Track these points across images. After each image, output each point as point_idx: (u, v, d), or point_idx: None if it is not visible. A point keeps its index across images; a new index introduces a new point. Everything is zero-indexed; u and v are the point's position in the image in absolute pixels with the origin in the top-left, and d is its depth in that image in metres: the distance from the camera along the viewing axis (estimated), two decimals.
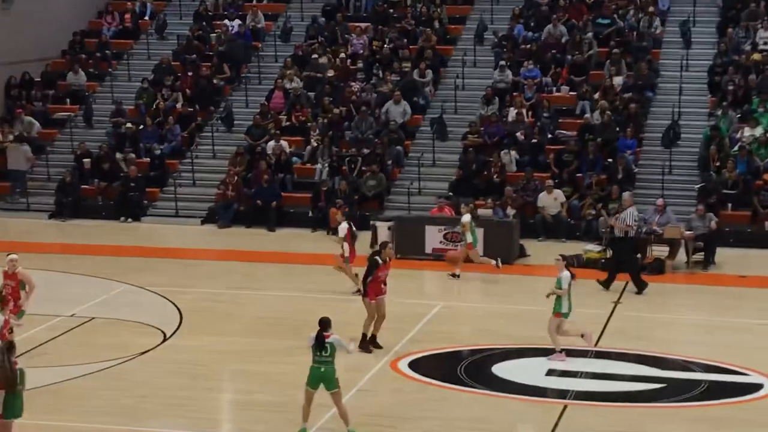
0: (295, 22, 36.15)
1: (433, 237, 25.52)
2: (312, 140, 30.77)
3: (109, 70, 34.94)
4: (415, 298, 22.54)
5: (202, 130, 32.40)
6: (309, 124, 31.46)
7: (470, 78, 33.05)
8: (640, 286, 22.88)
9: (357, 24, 35.20)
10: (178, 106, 32.68)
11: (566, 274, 18.21)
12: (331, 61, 33.70)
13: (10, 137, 31.82)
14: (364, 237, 26.72)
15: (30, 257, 24.78)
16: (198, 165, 31.21)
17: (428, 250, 25.35)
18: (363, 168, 29.60)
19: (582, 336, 18.67)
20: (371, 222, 26.80)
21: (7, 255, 18.29)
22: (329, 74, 33.06)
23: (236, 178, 29.43)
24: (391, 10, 35.88)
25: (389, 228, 25.84)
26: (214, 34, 35.30)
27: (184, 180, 30.93)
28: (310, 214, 28.87)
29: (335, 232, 27.86)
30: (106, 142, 31.62)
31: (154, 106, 32.59)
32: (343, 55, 33.79)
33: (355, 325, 18.89)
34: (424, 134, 31.47)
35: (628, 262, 23.17)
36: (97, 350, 18.64)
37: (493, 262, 23.94)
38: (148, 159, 31.16)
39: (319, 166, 30.05)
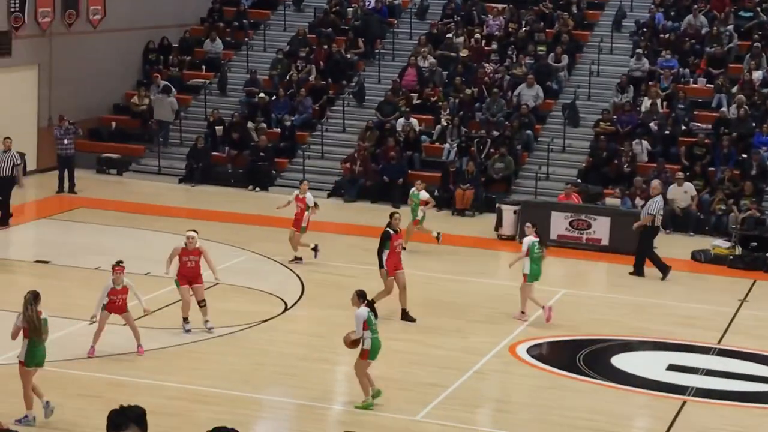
0: (431, 0, 36.05)
1: (559, 223, 25.26)
2: (442, 119, 30.70)
3: (246, 39, 35.28)
4: (537, 284, 22.34)
5: (333, 103, 32.54)
6: (440, 103, 31.38)
7: (605, 65, 32.62)
8: (639, 271, 22.94)
9: (494, 5, 34.98)
10: (311, 78, 32.87)
11: (528, 238, 19.71)
12: (465, 40, 33.55)
13: (146, 100, 32.38)
14: (489, 219, 26.65)
15: (158, 220, 25.27)
16: (327, 138, 31.37)
17: (553, 236, 25.09)
18: (491, 150, 29.43)
19: (543, 307, 19.35)
20: (497, 204, 26.64)
21: (187, 231, 18.51)
22: (463, 54, 32.92)
23: (364, 153, 29.51)
24: None
25: (515, 212, 25.66)
26: (351, 9, 35.41)
27: (313, 152, 31.12)
28: (436, 193, 28.79)
29: (461, 212, 27.94)
30: (239, 110, 31.96)
31: (288, 78, 32.83)
32: (478, 35, 33.60)
33: (460, 306, 18.74)
34: (556, 119, 31.16)
35: (645, 248, 22.99)
36: (218, 315, 18.86)
37: (434, 233, 24.14)
38: (279, 129, 31.42)
39: (447, 145, 29.97)
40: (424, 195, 24.36)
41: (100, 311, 16.76)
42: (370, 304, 15.33)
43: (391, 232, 19.26)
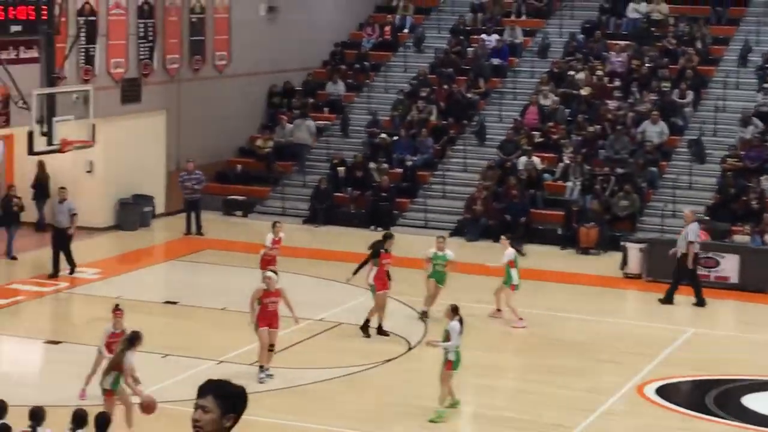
0: (553, 38, 35.99)
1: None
2: (565, 157, 30.52)
3: (367, 81, 35.58)
4: (665, 323, 22.07)
5: (454, 143, 32.60)
6: (562, 141, 31.22)
7: (731, 100, 32.14)
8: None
9: (616, 42, 34.77)
10: (432, 118, 32.99)
11: (510, 250, 20.99)
12: (588, 78, 33.39)
13: (270, 144, 32.84)
14: (615, 257, 26.36)
15: (283, 260, 25.47)
16: (449, 177, 31.41)
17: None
18: (616, 188, 29.16)
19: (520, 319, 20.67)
20: (622, 243, 26.36)
21: (264, 274, 18.68)
22: (585, 92, 32.75)
23: (486, 192, 29.46)
24: (653, 29, 35.28)
25: (640, 250, 25.35)
26: (471, 49, 35.52)
27: (435, 192, 31.18)
28: (560, 231, 28.63)
29: (585, 251, 27.69)
30: (361, 151, 32.20)
31: (409, 118, 33.01)
32: (600, 72, 33.42)
33: (598, 349, 18.53)
34: (681, 156, 30.76)
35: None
36: (343, 355, 18.98)
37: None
38: (401, 170, 31.56)
39: (570, 183, 29.77)
40: (451, 255, 21.85)
41: (97, 353, 16.34)
42: (461, 319, 16.41)
43: (382, 250, 20.62)
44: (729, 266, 24.58)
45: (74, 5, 26.99)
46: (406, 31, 37.50)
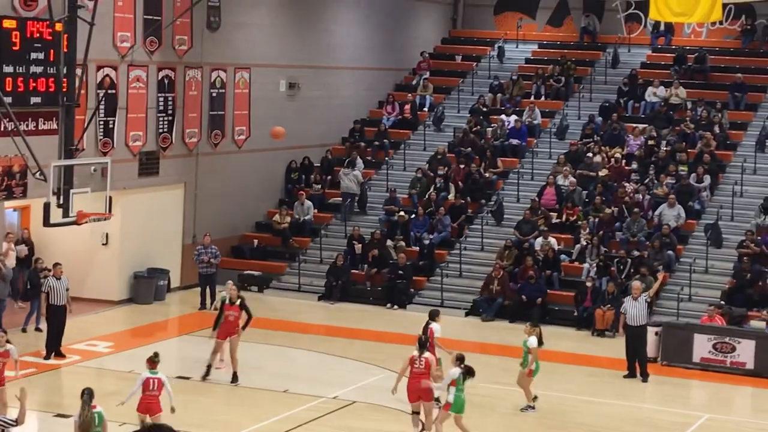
0: (571, 120, 36.11)
1: (702, 346, 24.68)
2: (581, 239, 30.47)
3: (386, 158, 35.70)
4: (680, 408, 21.84)
5: (471, 222, 32.59)
6: (579, 222, 31.19)
7: (749, 185, 32.10)
8: None
9: (634, 125, 34.86)
10: (450, 197, 33.03)
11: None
12: (605, 160, 33.43)
13: (288, 219, 32.88)
14: (624, 340, 26.12)
15: (298, 337, 25.40)
16: (465, 257, 31.35)
17: (696, 359, 24.55)
18: (632, 270, 29.04)
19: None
20: None
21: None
22: (602, 173, 32.77)
23: (502, 272, 29.39)
24: (671, 112, 35.38)
25: (656, 333, 25.16)
26: (490, 129, 35.64)
27: (451, 271, 31.10)
28: (575, 313, 28.48)
29: (601, 333, 27.51)
30: (378, 228, 32.20)
31: (427, 196, 33.04)
32: (618, 154, 33.46)
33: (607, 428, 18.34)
34: (698, 240, 30.66)
35: None
36: None
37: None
38: (418, 248, 31.53)
39: (587, 265, 29.68)
40: (533, 342, 20.84)
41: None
42: (467, 369, 18.08)
43: (226, 301, 22.16)
44: (745, 352, 24.38)
45: (94, 78, 27.22)
46: (425, 110, 37.69)
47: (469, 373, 18.16)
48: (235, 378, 21.74)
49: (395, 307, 30.06)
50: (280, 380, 21.58)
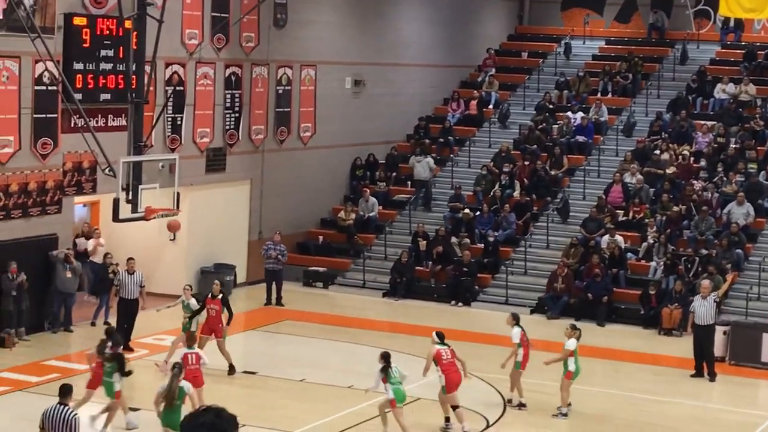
0: (639, 117, 35.83)
1: None
2: (648, 237, 30.23)
3: (451, 155, 35.64)
4: (747, 408, 21.61)
5: (537, 219, 32.46)
6: (646, 220, 30.94)
7: None
8: None
9: (703, 122, 34.52)
10: (515, 194, 32.92)
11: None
12: (673, 157, 33.13)
13: (353, 215, 32.96)
14: (692, 340, 25.86)
15: (362, 333, 25.44)
16: (531, 254, 31.24)
17: (764, 358, 24.27)
18: (699, 269, 28.77)
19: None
20: None
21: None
22: (670, 171, 32.48)
23: (567, 270, 29.23)
24: (740, 109, 34.99)
25: (724, 332, 24.90)
26: (556, 126, 35.47)
27: (516, 268, 31.00)
28: (641, 311, 28.27)
29: (668, 332, 27.26)
30: (443, 225, 32.17)
31: (492, 194, 32.96)
32: (686, 152, 33.15)
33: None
34: (767, 238, 30.29)
35: None
36: (421, 431, 18.76)
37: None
38: (482, 245, 31.46)
39: (654, 263, 29.44)
40: (571, 345, 20.47)
41: None
42: (388, 361, 18.30)
43: (209, 295, 22.33)
44: None
45: (163, 75, 27.45)
46: (491, 107, 37.57)
47: (388, 364, 18.32)
48: (231, 369, 21.99)
49: (459, 304, 30.02)
50: (344, 376, 21.62)
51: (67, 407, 14.59)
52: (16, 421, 18.59)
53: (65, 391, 14.84)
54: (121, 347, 19.72)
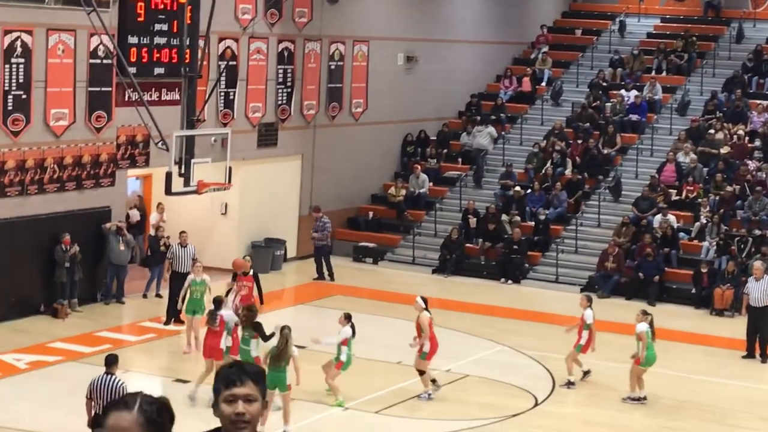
0: (693, 95, 35.50)
1: None
2: (701, 217, 29.99)
3: (503, 133, 35.50)
4: None
5: (588, 198, 32.29)
6: (699, 200, 30.69)
7: None
8: None
9: (758, 101, 34.15)
10: (567, 172, 32.75)
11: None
12: (727, 137, 32.82)
13: (403, 192, 32.96)
14: (744, 321, 25.67)
15: (411, 309, 25.44)
16: (582, 233, 31.09)
17: None
18: (752, 249, 28.51)
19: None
20: None
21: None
22: (724, 150, 32.18)
23: (618, 249, 29.07)
24: None
25: None
26: (610, 104, 35.22)
27: (567, 246, 30.88)
28: (693, 291, 28.08)
29: (720, 312, 27.06)
30: (494, 203, 32.09)
31: (543, 171, 32.81)
32: (740, 132, 32.82)
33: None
34: None
35: None
36: (469, 408, 18.80)
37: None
38: (533, 223, 31.35)
39: (706, 243, 29.22)
40: (641, 327, 19.92)
41: None
42: (353, 326, 18.67)
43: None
44: None
45: (216, 50, 27.53)
46: (543, 84, 37.37)
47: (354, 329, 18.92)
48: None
49: (509, 282, 29.95)
50: (393, 352, 21.65)
51: (113, 376, 14.75)
52: (68, 390, 18.79)
53: (111, 361, 15.02)
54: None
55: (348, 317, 19.04)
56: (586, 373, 20.87)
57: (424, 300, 19.64)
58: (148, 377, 20.58)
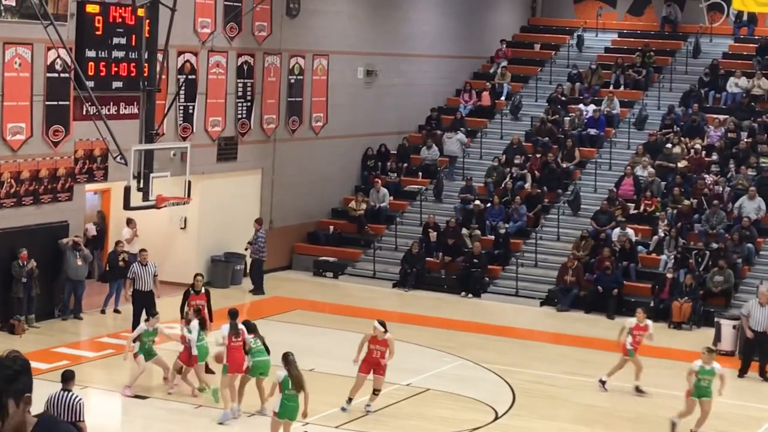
0: (651, 110, 35.76)
1: None
2: (659, 230, 30.18)
3: (463, 147, 35.53)
4: (759, 402, 21.56)
5: (548, 212, 32.42)
6: (657, 213, 30.89)
7: None
8: None
9: (715, 116, 34.44)
10: (527, 186, 32.87)
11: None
12: (684, 151, 33.06)
13: (363, 206, 32.96)
14: (707, 333, 25.81)
15: (370, 324, 25.40)
16: (541, 246, 31.20)
17: None
18: (710, 263, 28.71)
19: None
20: (716, 319, 25.89)
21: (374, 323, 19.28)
22: (682, 164, 32.41)
23: (577, 262, 29.19)
24: (753, 103, 34.89)
25: (734, 327, 24.87)
26: (568, 118, 35.40)
27: (527, 260, 30.98)
28: (651, 304, 28.22)
29: (678, 325, 27.20)
30: (454, 216, 32.15)
31: (503, 185, 32.92)
32: (698, 146, 33.08)
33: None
34: None
35: None
36: (428, 422, 18.78)
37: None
38: (493, 237, 31.43)
39: (664, 257, 29.40)
40: (719, 368, 19.27)
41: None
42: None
43: (192, 291, 21.60)
44: None
45: (175, 63, 27.45)
46: (503, 98, 37.52)
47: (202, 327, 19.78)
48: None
49: (469, 295, 30.01)
50: (353, 366, 21.59)
51: (71, 392, 14.64)
52: None
53: (68, 377, 14.91)
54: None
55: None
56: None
57: (382, 323, 19.47)
58: (107, 393, 20.42)
